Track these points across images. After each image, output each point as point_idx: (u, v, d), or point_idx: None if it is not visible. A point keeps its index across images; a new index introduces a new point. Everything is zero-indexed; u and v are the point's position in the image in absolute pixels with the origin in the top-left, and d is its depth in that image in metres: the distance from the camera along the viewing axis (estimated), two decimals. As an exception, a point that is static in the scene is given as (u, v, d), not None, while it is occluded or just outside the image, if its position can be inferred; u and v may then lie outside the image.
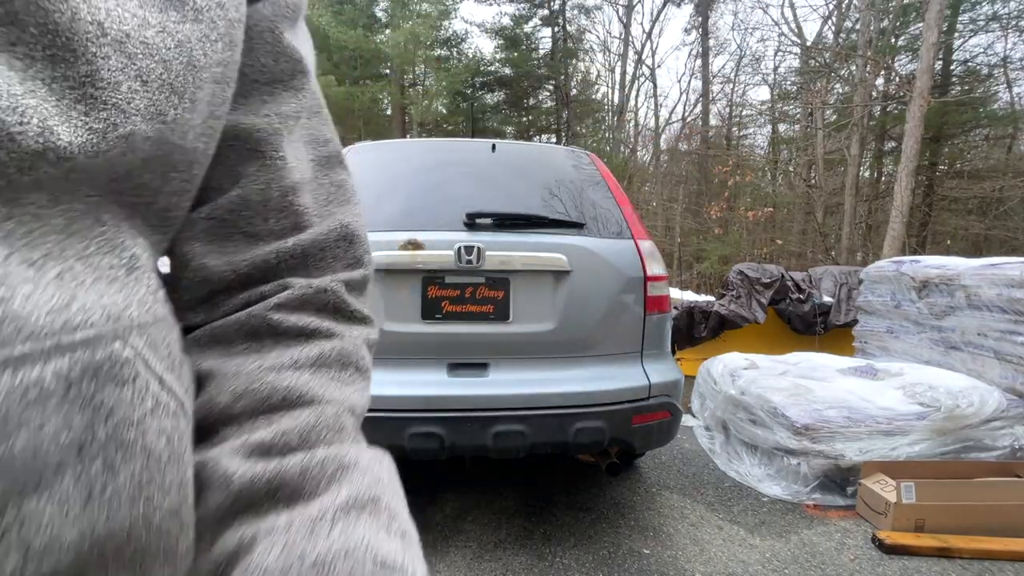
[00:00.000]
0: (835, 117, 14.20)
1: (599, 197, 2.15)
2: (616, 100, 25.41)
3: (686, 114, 23.65)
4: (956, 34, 13.14)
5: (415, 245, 1.83)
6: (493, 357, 1.87)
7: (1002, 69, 14.37)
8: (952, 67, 14.01)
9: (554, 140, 29.98)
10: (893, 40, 13.41)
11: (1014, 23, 12.79)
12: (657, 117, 23.82)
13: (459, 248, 1.82)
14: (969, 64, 14.36)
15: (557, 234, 1.94)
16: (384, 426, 1.74)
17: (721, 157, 16.27)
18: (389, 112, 25.34)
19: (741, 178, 13.16)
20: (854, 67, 13.52)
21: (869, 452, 2.32)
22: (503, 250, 1.86)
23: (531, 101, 28.66)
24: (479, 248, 1.82)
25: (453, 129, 26.72)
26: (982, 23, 13.16)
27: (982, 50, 14.05)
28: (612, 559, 1.95)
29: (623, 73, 23.99)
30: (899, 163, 9.67)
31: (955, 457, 2.33)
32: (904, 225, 9.56)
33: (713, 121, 21.88)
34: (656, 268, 2.02)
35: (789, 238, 14.14)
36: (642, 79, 23.60)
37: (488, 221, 1.91)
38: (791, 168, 17.24)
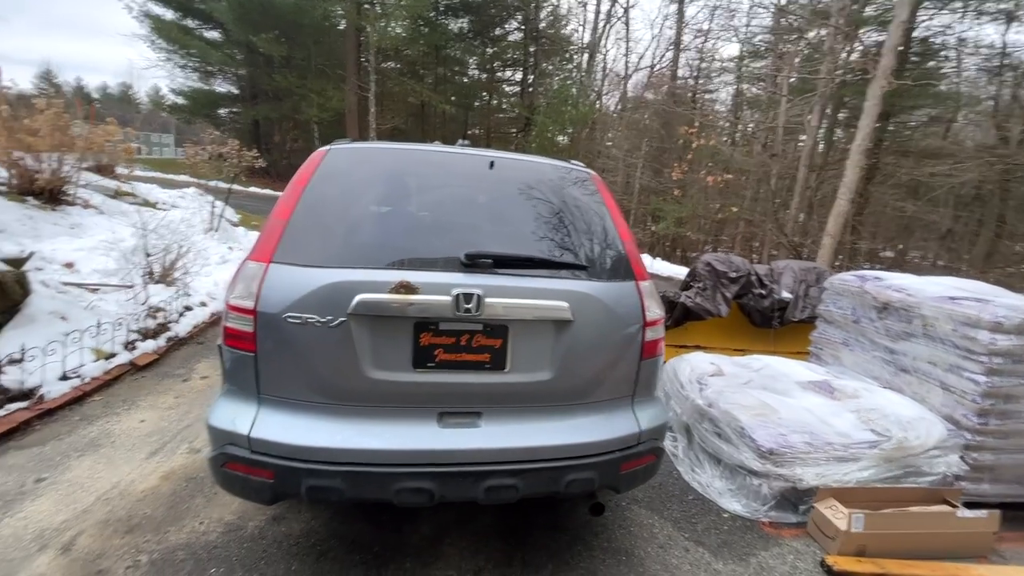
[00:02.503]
0: (800, 84, 14.26)
1: (602, 228, 2.02)
2: (586, 39, 24.27)
3: (655, 61, 23.03)
4: (921, 10, 13.19)
5: (408, 288, 1.65)
6: (486, 407, 1.78)
7: (955, 50, 14.85)
8: (911, 46, 14.27)
9: (520, 76, 28.62)
10: (863, 10, 13.38)
11: (975, 4, 13.05)
12: (627, 62, 23.05)
13: (458, 295, 1.66)
14: (929, 42, 14.69)
15: (560, 278, 1.82)
16: (371, 481, 1.64)
17: (686, 115, 16.13)
18: (343, 28, 22.95)
19: (705, 141, 13.15)
20: (824, 32, 13.41)
21: (825, 477, 2.49)
22: (504, 296, 1.71)
23: (497, 31, 26.84)
24: (479, 296, 1.67)
25: (412, 57, 24.71)
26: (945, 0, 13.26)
27: (941, 29, 14.35)
28: (589, 589, 2.02)
29: (596, 11, 22.76)
30: (853, 140, 9.92)
31: (896, 482, 2.55)
32: (850, 203, 9.98)
33: (682, 72, 21.46)
34: (654, 310, 1.96)
35: (744, 205, 14.50)
36: (614, 20, 22.50)
37: (488, 262, 1.75)
38: (752, 131, 17.43)
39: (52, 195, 6.07)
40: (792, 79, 14.07)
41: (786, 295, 4.61)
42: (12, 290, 3.46)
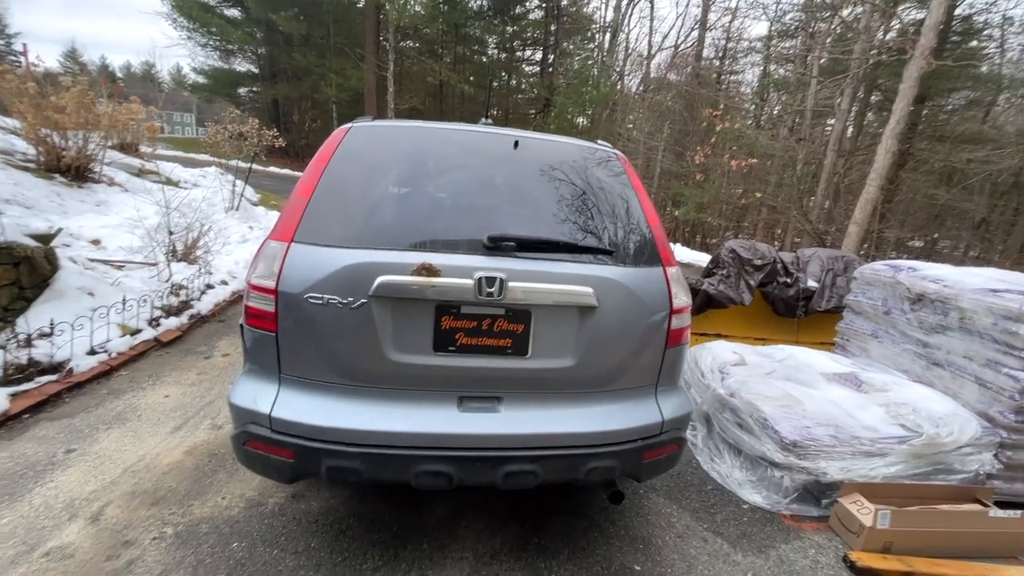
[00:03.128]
0: (831, 65, 13.70)
1: (628, 212, 1.96)
2: (609, 17, 23.64)
3: (679, 41, 22.39)
4: (966, -16, 12.47)
5: (430, 271, 1.62)
6: (507, 392, 1.76)
7: (999, 29, 14.07)
8: (952, 24, 13.55)
9: (540, 56, 28.07)
10: (902, -16, 12.71)
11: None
12: (650, 41, 22.44)
13: (480, 279, 1.62)
14: (971, 20, 13.95)
15: (585, 263, 1.77)
16: (390, 463, 1.63)
17: (710, 97, 15.67)
18: (362, 6, 22.70)
19: (730, 124, 12.76)
20: (859, 10, 12.80)
21: (850, 471, 2.43)
22: (527, 281, 1.67)
23: (518, 9, 26.27)
24: (501, 280, 1.63)
25: (431, 36, 24.39)
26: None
27: (985, 6, 13.61)
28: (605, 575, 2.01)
29: (620, -12, 22.11)
30: (885, 124, 9.52)
31: (925, 479, 2.48)
32: (880, 189, 9.62)
33: (707, 52, 20.83)
34: (681, 297, 1.90)
35: (767, 191, 14.13)
36: (639, -2, 21.81)
37: (511, 245, 1.70)
38: (778, 114, 16.88)
39: (79, 172, 6.17)
40: (823, 59, 13.53)
41: (812, 284, 4.49)
42: (41, 266, 3.53)
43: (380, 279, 1.60)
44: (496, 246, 1.69)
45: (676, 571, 2.08)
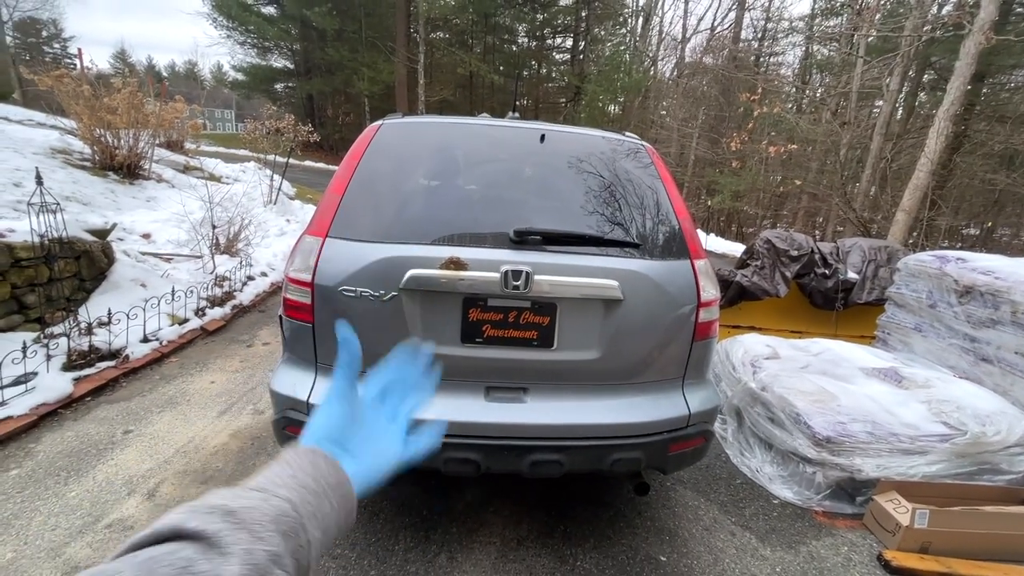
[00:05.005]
0: (879, 43, 12.97)
1: (656, 203, 1.94)
2: (641, 1, 23.04)
3: (715, 23, 21.65)
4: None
5: (457, 264, 1.66)
6: (532, 382, 1.79)
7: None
8: (1017, -7, 12.57)
9: (570, 43, 27.66)
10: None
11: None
12: (685, 24, 21.77)
13: (506, 272, 1.66)
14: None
15: (611, 256, 1.77)
16: (420, 449, 1.70)
17: (748, 81, 15.11)
18: (391, -1, 22.88)
19: (769, 108, 12.29)
20: (914, -19, 12.01)
21: (887, 469, 2.36)
22: (552, 274, 1.70)
23: (548, -4, 25.91)
24: (527, 273, 1.66)
25: (461, 26, 24.36)
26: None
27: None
28: (631, 565, 2.04)
29: (653, -30, 21.50)
30: (939, 105, 8.96)
31: (968, 479, 2.38)
32: (931, 175, 9.10)
33: (745, 34, 20.06)
34: (710, 290, 1.88)
35: (808, 178, 13.57)
36: (673, -21, 21.16)
37: (537, 238, 1.73)
38: (821, 97, 16.13)
39: (130, 170, 6.52)
40: (871, 37, 12.81)
41: (852, 275, 4.32)
42: (99, 259, 3.77)
43: (410, 272, 1.65)
44: (522, 240, 1.71)
45: (702, 563, 2.08)
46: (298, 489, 0.41)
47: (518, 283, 1.66)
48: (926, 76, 15.20)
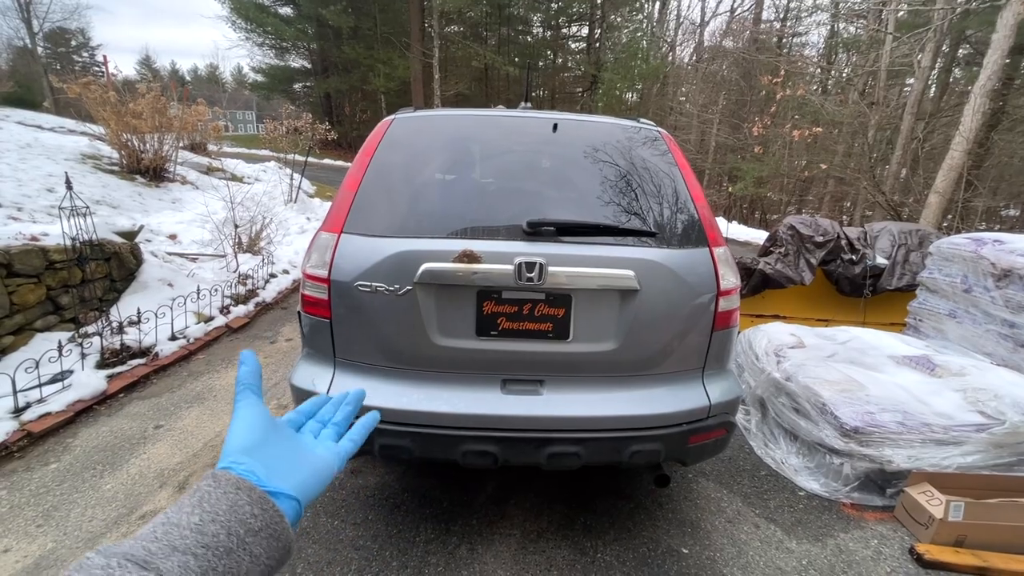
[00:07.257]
0: (910, 18, 12.43)
1: (673, 191, 1.90)
2: (658, -15, 22.54)
3: (735, 4, 21.05)
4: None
5: (471, 257, 1.66)
6: (549, 375, 1.78)
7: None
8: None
9: (586, 31, 27.26)
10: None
11: None
12: (703, 7, 21.23)
13: (520, 264, 1.64)
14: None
15: (627, 245, 1.74)
16: (438, 442, 1.71)
17: (770, 63, 14.67)
18: (405, -6, 22.89)
19: (792, 91, 11.92)
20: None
21: (918, 460, 2.28)
22: (567, 265, 1.68)
23: (562, -16, 25.54)
24: (541, 265, 1.64)
25: (475, 19, 24.23)
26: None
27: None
28: (652, 558, 2.02)
29: (670, -48, 20.98)
30: (975, 81, 8.54)
31: (1007, 470, 2.29)
32: (967, 154, 8.69)
33: (766, 14, 19.48)
34: (730, 279, 1.84)
35: (834, 161, 13.15)
36: (691, -39, 20.64)
37: (550, 229, 1.71)
38: (847, 77, 15.57)
39: (156, 173, 6.70)
40: (901, 12, 12.29)
41: (881, 261, 4.18)
42: (128, 260, 3.89)
43: (424, 266, 1.65)
44: (535, 231, 1.70)
45: (726, 556, 2.05)
46: (197, 553, 0.36)
47: (532, 275, 1.65)
48: (961, 51, 14.52)
